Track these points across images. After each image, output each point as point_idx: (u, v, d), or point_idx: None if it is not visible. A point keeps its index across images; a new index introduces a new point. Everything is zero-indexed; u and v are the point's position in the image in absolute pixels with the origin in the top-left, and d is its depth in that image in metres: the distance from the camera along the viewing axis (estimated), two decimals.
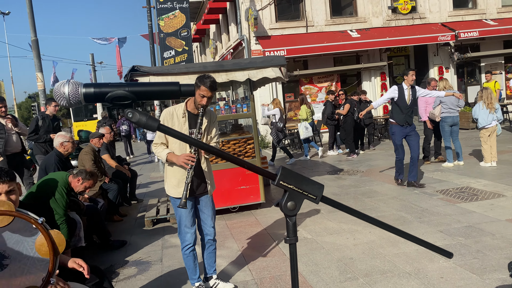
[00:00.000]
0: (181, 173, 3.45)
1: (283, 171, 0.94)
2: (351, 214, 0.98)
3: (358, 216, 0.96)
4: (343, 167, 9.45)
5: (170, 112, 3.50)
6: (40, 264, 1.13)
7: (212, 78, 3.40)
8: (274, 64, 5.99)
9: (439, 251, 1.12)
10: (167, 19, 11.78)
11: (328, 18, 14.98)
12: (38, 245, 1.11)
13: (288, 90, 14.87)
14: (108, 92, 0.83)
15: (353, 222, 5.30)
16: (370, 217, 1.00)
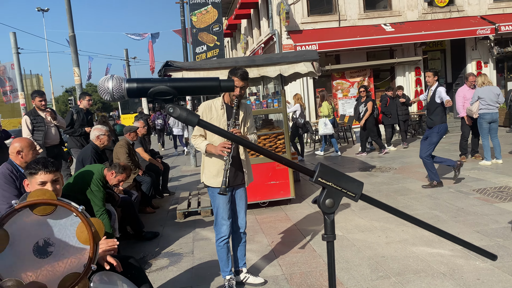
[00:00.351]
0: (220, 163, 3.52)
1: (322, 167, 0.93)
2: (393, 214, 0.96)
3: (400, 216, 0.94)
4: (375, 164, 9.29)
5: (209, 105, 3.63)
6: (81, 251, 1.17)
7: (243, 69, 3.55)
8: (306, 59, 5.94)
9: (482, 252, 1.08)
10: (200, 14, 11.88)
11: (361, 11, 14.71)
12: (79, 232, 1.15)
13: (320, 85, 14.72)
14: (150, 87, 0.84)
15: (385, 220, 5.20)
16: (413, 217, 0.98)
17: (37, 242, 1.13)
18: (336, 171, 0.95)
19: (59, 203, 1.11)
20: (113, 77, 0.84)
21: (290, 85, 11.78)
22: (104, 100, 0.85)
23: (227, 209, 3.57)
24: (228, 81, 0.87)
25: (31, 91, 7.08)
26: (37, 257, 1.13)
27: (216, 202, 3.56)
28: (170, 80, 0.85)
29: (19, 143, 3.80)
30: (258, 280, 3.80)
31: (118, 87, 0.83)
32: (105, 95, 0.84)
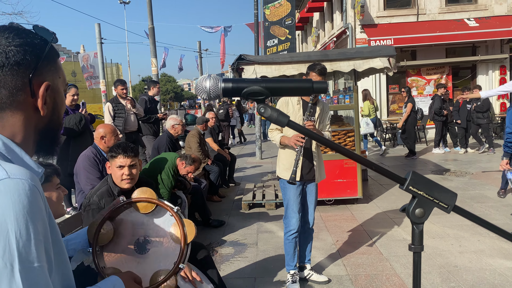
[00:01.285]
0: (293, 156, 3.56)
1: (414, 176, 0.90)
2: (491, 230, 0.90)
3: (503, 234, 0.88)
4: (449, 167, 8.79)
5: (286, 100, 3.72)
6: (173, 250, 1.24)
7: (322, 65, 3.59)
8: (382, 55, 5.73)
9: None
10: (273, 7, 11.90)
11: (442, 5, 13.88)
12: (173, 232, 1.21)
13: (393, 82, 14.16)
14: (244, 87, 0.86)
15: (458, 228, 4.92)
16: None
17: (138, 238, 1.22)
18: (428, 180, 0.91)
19: (158, 203, 1.18)
20: (210, 77, 0.87)
21: (362, 81, 11.46)
22: (201, 98, 0.88)
23: (297, 202, 3.59)
24: (321, 83, 0.86)
25: (111, 79, 7.53)
26: (137, 253, 1.21)
27: (287, 195, 3.60)
28: (264, 81, 0.86)
29: (103, 129, 4.08)
30: (322, 278, 3.78)
31: (215, 87, 0.86)
32: (202, 93, 0.87)
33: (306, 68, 3.67)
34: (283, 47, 12.16)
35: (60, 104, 0.98)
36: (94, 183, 3.64)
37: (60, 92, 0.98)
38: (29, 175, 0.82)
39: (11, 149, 0.89)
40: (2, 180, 0.78)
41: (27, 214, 0.77)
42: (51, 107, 0.95)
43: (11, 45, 0.88)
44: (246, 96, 0.86)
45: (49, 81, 0.93)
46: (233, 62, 5.95)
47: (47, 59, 0.93)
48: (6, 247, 0.75)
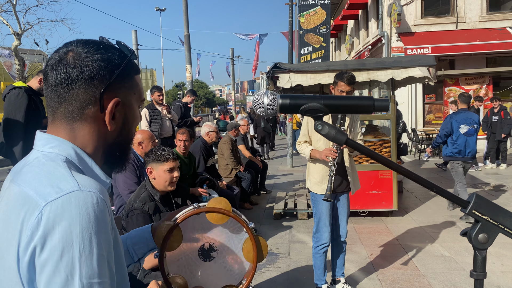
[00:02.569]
0: (324, 170, 3.48)
1: (477, 199, 0.85)
2: None
3: None
4: (489, 181, 8.45)
5: None
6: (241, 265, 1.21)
7: (350, 73, 3.44)
8: (422, 64, 5.59)
9: None
10: (308, 15, 11.87)
11: (483, 13, 13.45)
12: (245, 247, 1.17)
13: (430, 91, 13.81)
14: (303, 104, 0.84)
15: (500, 245, 4.71)
16: None
17: (203, 244, 1.19)
18: (493, 204, 0.86)
19: (233, 216, 1.13)
20: (268, 93, 0.85)
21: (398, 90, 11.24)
22: (258, 114, 0.87)
23: (329, 216, 3.52)
24: (382, 101, 0.84)
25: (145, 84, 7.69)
26: (200, 259, 1.18)
27: (319, 208, 3.52)
28: (323, 98, 0.84)
29: (141, 135, 4.15)
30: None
31: (272, 103, 0.84)
32: (259, 110, 0.86)
33: (334, 76, 3.52)
34: (317, 55, 12.09)
35: (131, 120, 0.98)
36: (131, 188, 3.71)
37: (132, 108, 0.98)
38: (99, 188, 0.83)
39: (83, 159, 0.90)
40: (74, 192, 0.79)
41: (92, 228, 0.77)
42: (120, 123, 0.95)
43: (89, 60, 0.89)
44: (304, 112, 0.84)
45: (121, 97, 0.93)
46: (268, 70, 5.96)
47: (121, 75, 0.93)
48: (69, 259, 0.75)
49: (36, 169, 0.85)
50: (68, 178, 0.81)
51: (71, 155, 0.88)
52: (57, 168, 0.84)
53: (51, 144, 0.89)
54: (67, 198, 0.77)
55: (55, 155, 0.87)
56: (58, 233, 0.75)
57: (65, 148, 0.89)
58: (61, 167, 0.84)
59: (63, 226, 0.75)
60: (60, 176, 0.82)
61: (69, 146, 0.89)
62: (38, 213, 0.76)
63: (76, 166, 0.88)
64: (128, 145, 1.01)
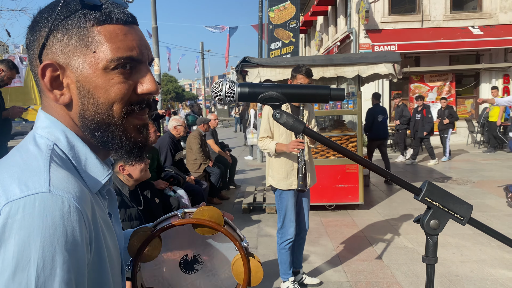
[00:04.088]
0: (289, 165, 3.49)
1: (429, 186, 0.88)
2: (506, 243, 0.89)
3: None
4: (451, 175, 8.77)
5: None
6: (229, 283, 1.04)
7: (307, 67, 3.47)
8: (387, 60, 5.72)
9: None
10: (277, 10, 11.90)
11: (447, 12, 13.88)
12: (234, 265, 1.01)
13: (396, 87, 14.14)
14: (261, 92, 0.84)
15: (460, 237, 4.90)
16: None
17: (187, 255, 1.03)
18: (445, 191, 0.89)
19: (223, 231, 0.97)
20: (226, 81, 0.85)
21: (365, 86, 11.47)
22: (216, 102, 0.86)
23: (294, 211, 3.55)
24: (338, 90, 0.85)
25: None
26: (181, 270, 1.03)
27: (284, 205, 3.53)
28: (281, 86, 0.84)
29: None
30: (315, 280, 3.80)
31: (231, 91, 0.84)
32: (217, 98, 0.85)
33: (291, 70, 3.54)
34: (287, 50, 12.15)
35: (94, 89, 0.73)
36: None
37: (89, 72, 0.73)
38: (76, 192, 0.65)
39: (74, 146, 0.74)
40: (41, 194, 0.62)
41: (58, 244, 0.60)
42: (76, 94, 0.74)
43: (36, 21, 0.74)
44: (263, 101, 0.85)
45: (63, 59, 0.73)
46: (237, 64, 5.94)
47: (61, 29, 0.72)
48: (23, 280, 0.58)
49: (17, 155, 0.70)
50: (41, 173, 0.65)
51: (61, 141, 0.73)
52: (37, 158, 0.68)
53: (43, 123, 0.75)
54: (30, 201, 0.61)
55: (44, 139, 0.72)
56: (13, 245, 0.58)
57: (55, 132, 0.73)
58: (42, 157, 0.68)
59: (21, 237, 0.59)
60: (34, 169, 0.65)
61: (59, 128, 0.74)
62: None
63: (64, 156, 0.72)
64: (109, 123, 0.75)
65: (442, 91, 13.96)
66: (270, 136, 3.57)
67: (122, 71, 0.74)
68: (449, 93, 14.02)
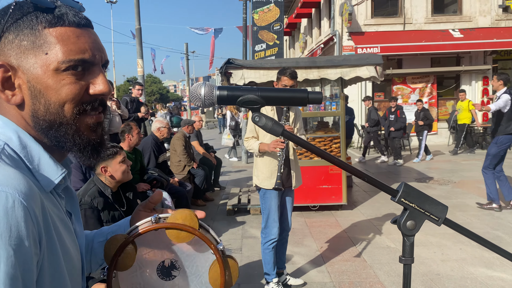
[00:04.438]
0: (273, 164, 3.53)
1: (406, 188, 0.90)
2: (479, 243, 0.91)
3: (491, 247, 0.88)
4: (433, 175, 8.91)
5: None
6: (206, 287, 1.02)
7: (292, 69, 3.56)
8: (370, 63, 5.79)
9: None
10: (262, 12, 11.93)
11: (428, 15, 14.12)
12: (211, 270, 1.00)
13: (379, 89, 14.33)
14: (240, 95, 0.85)
15: (441, 236, 4.98)
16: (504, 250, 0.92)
17: (164, 261, 1.01)
18: (420, 192, 0.91)
19: (198, 234, 0.96)
20: (205, 84, 0.85)
21: (348, 88, 11.59)
22: (195, 105, 0.87)
23: (277, 210, 3.57)
24: (316, 94, 0.86)
25: None
26: (159, 277, 1.01)
27: (268, 204, 3.55)
28: (259, 90, 0.85)
29: None
30: (299, 281, 3.82)
31: (209, 94, 0.84)
32: (196, 101, 0.85)
33: (277, 73, 3.61)
34: (271, 52, 12.19)
35: (45, 90, 0.74)
36: (76, 185, 3.58)
37: (39, 73, 0.74)
38: (23, 188, 0.64)
39: (26, 146, 0.74)
40: None
41: (1, 239, 0.59)
42: (28, 94, 0.74)
43: None
44: (241, 104, 0.85)
45: (15, 60, 0.73)
46: (222, 66, 5.94)
47: (10, 30, 0.73)
48: None
49: None
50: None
51: (13, 141, 0.72)
52: None
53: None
54: None
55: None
56: None
57: (6, 131, 0.73)
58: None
59: None
60: None
61: (12, 128, 0.74)
62: None
63: (16, 155, 0.72)
64: (60, 122, 0.76)
65: (424, 93, 14.18)
66: (255, 137, 3.63)
67: (73, 72, 0.75)
68: (431, 94, 14.25)
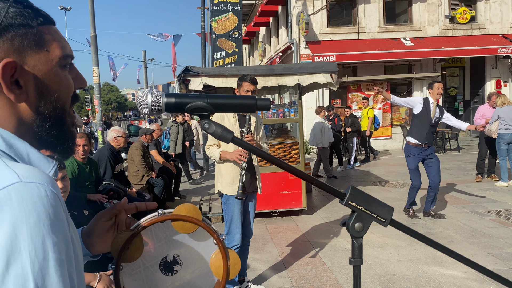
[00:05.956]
0: (235, 171, 3.53)
1: (353, 191, 0.93)
2: (424, 242, 0.95)
3: (435, 246, 0.93)
4: (388, 178, 9.21)
5: (221, 114, 3.62)
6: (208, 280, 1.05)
7: (251, 75, 3.63)
8: (325, 71, 5.93)
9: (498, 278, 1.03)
10: (220, 20, 11.96)
11: (381, 25, 14.67)
12: (213, 260, 1.03)
13: (335, 96, 14.69)
14: (188, 103, 0.84)
15: (397, 237, 5.14)
16: (451, 250, 0.96)
17: (166, 256, 1.03)
18: (367, 195, 0.94)
19: (202, 225, 1.01)
20: (152, 91, 0.85)
21: (306, 95, 11.80)
22: (142, 112, 0.86)
23: (240, 216, 3.57)
24: (264, 100, 0.87)
25: None
26: (162, 272, 1.03)
27: (230, 210, 3.55)
28: (208, 96, 0.85)
29: None
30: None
31: (157, 102, 0.84)
32: (143, 108, 0.84)
33: (237, 80, 3.67)
34: (230, 60, 12.23)
35: (51, 86, 0.76)
36: None
37: (48, 70, 0.75)
38: (46, 178, 0.66)
39: (12, 144, 0.72)
40: (13, 185, 0.61)
41: (44, 227, 0.61)
42: (34, 92, 0.74)
43: None
44: (190, 111, 0.85)
45: (18, 58, 0.72)
46: (179, 74, 5.89)
47: (7, 29, 0.72)
48: (19, 271, 0.58)
49: None
50: (2, 168, 0.64)
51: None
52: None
53: None
54: (5, 194, 0.60)
55: None
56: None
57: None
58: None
59: (5, 230, 0.58)
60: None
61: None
62: None
63: (5, 154, 0.70)
64: (62, 119, 0.79)
65: (378, 99, 14.67)
66: (216, 144, 3.64)
67: (67, 68, 0.79)
68: (385, 101, 14.76)
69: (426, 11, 14.69)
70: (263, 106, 0.87)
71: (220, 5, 11.94)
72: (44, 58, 0.74)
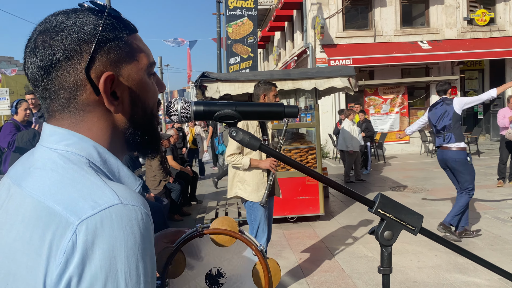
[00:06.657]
0: (259, 178, 3.61)
1: (382, 198, 0.91)
2: (453, 250, 0.93)
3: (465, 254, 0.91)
4: (407, 184, 9.08)
5: (246, 122, 3.67)
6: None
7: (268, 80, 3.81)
8: (342, 75, 5.90)
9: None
10: (235, 26, 12.03)
11: (397, 28, 14.54)
12: (255, 273, 1.05)
13: (352, 100, 14.56)
14: (216, 110, 0.85)
15: (417, 244, 5.06)
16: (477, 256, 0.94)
17: (211, 270, 1.06)
18: (396, 203, 0.92)
19: (239, 237, 1.03)
20: (181, 100, 0.85)
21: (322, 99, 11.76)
22: (172, 121, 0.86)
23: (266, 221, 3.64)
24: (292, 107, 0.87)
25: None
26: (208, 286, 1.06)
27: (258, 216, 3.60)
28: (236, 104, 0.85)
29: None
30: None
31: (186, 110, 0.84)
32: (173, 117, 0.85)
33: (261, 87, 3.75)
34: (246, 65, 12.27)
35: (142, 94, 0.78)
36: None
37: (138, 78, 0.77)
38: (141, 201, 0.67)
39: (107, 160, 0.73)
40: (114, 206, 0.63)
41: (139, 251, 0.63)
42: (128, 101, 0.77)
43: (58, 37, 0.71)
44: (218, 119, 0.85)
45: (114, 70, 0.74)
46: (196, 79, 5.94)
47: (105, 43, 0.73)
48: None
49: (54, 174, 0.67)
50: (103, 188, 0.65)
51: (93, 156, 0.72)
52: (84, 175, 0.67)
53: (67, 141, 0.72)
54: (106, 215, 0.61)
55: (76, 156, 0.70)
56: (99, 259, 0.60)
57: (86, 147, 0.72)
58: (89, 173, 0.68)
59: (105, 250, 0.60)
60: (91, 185, 0.65)
61: (90, 144, 0.72)
62: (72, 234, 0.60)
63: (101, 170, 0.71)
64: (152, 124, 0.82)
65: (395, 103, 14.52)
66: (241, 152, 3.67)
67: (152, 75, 0.81)
68: (402, 104, 14.61)
69: (443, 13, 14.51)
70: (291, 114, 0.86)
71: (236, 11, 12.01)
72: (135, 68, 0.77)
